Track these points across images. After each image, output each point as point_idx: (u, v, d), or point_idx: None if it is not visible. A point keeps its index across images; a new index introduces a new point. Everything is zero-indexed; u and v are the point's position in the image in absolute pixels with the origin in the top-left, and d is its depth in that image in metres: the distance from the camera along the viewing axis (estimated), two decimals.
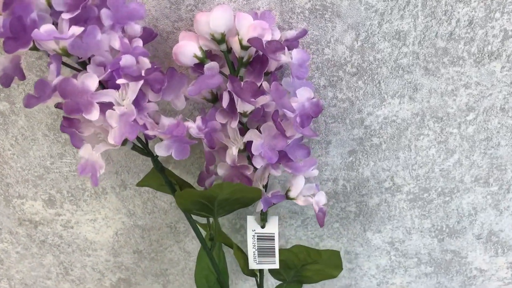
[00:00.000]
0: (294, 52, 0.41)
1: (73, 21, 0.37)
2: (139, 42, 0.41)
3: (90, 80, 0.37)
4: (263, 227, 0.50)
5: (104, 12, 0.39)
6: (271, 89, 0.40)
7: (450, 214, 0.59)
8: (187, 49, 0.42)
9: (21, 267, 0.70)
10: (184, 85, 0.44)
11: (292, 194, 0.47)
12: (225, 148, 0.45)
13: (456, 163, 0.54)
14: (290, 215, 0.61)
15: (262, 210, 0.47)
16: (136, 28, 0.41)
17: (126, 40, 0.41)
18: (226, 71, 0.44)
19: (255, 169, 0.46)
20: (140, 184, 0.51)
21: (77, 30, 0.36)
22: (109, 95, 0.38)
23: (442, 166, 0.54)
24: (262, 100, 0.41)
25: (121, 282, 0.71)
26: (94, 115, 0.37)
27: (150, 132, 0.40)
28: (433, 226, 0.60)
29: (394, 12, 0.44)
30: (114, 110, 0.37)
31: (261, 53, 0.42)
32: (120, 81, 0.37)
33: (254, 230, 0.51)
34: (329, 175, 0.56)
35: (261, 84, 0.42)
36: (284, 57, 0.40)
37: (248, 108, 0.42)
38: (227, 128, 0.44)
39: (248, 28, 0.40)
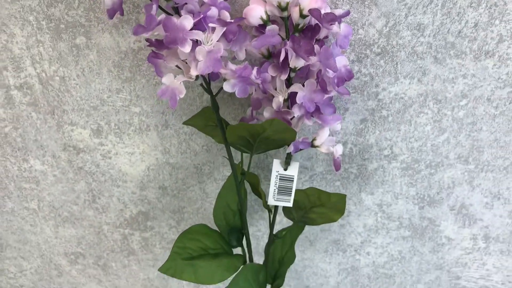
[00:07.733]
0: (342, 25, 0.53)
1: None
2: None
3: (186, 21, 0.47)
4: (285, 169, 0.61)
5: None
6: (321, 50, 0.52)
7: (432, 185, 0.71)
8: (256, 12, 0.53)
9: (53, 190, 0.78)
10: (246, 41, 0.55)
11: (317, 142, 0.59)
12: (269, 98, 0.56)
13: (445, 140, 0.66)
14: (301, 170, 0.72)
15: (288, 153, 0.58)
16: None
17: None
18: (282, 34, 0.55)
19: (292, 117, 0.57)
20: (186, 122, 0.61)
21: None
22: (199, 35, 0.48)
23: (434, 142, 0.67)
24: (313, 59, 0.52)
25: (140, 215, 0.81)
26: (187, 48, 0.47)
27: (222, 70, 0.50)
28: (417, 194, 0.73)
29: (419, 8, 0.55)
30: (203, 47, 0.48)
31: (313, 23, 0.53)
32: (212, 24, 0.47)
33: (278, 171, 0.62)
34: (340, 138, 0.67)
35: (313, 46, 0.53)
36: (335, 27, 0.51)
37: (300, 64, 0.53)
38: (275, 81, 0.55)
39: (310, 1, 0.51)
